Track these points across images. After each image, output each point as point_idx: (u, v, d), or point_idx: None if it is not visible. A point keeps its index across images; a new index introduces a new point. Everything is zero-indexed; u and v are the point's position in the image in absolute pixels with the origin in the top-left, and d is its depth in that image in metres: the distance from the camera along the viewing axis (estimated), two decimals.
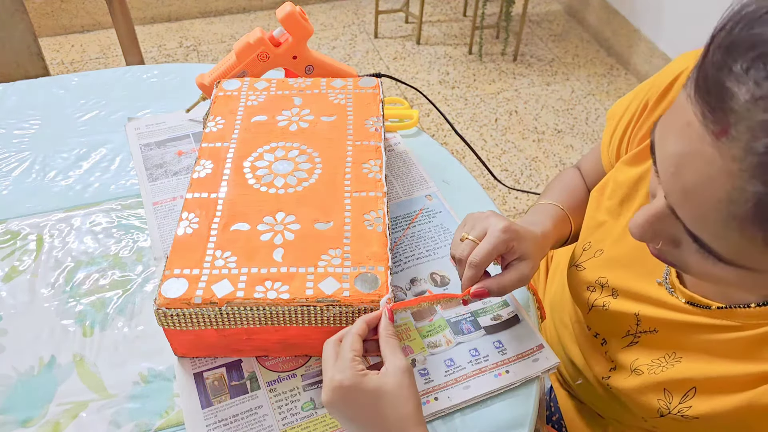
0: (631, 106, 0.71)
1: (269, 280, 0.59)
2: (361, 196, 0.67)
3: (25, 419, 0.59)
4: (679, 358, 0.61)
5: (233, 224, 0.64)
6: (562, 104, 2.27)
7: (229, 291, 0.58)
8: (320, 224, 0.64)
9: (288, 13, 0.83)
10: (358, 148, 0.73)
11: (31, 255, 0.73)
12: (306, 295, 0.57)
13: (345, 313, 0.58)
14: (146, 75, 1.03)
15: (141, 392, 0.61)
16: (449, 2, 2.82)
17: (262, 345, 0.62)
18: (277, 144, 0.73)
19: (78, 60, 2.41)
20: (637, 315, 0.65)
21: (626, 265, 0.67)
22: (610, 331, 0.69)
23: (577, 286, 0.73)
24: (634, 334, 0.66)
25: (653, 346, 0.64)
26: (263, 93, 0.81)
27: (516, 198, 1.92)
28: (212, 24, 2.64)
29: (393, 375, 0.52)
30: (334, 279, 0.59)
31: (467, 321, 0.67)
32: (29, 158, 0.86)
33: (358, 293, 0.58)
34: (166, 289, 0.58)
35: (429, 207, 0.80)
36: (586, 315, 0.72)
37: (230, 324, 0.59)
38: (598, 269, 0.70)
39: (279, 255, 0.61)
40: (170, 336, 0.61)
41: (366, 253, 0.61)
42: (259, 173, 0.70)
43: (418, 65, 2.43)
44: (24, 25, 1.39)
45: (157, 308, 0.57)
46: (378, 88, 0.82)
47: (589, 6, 2.63)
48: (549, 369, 0.63)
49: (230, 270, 0.60)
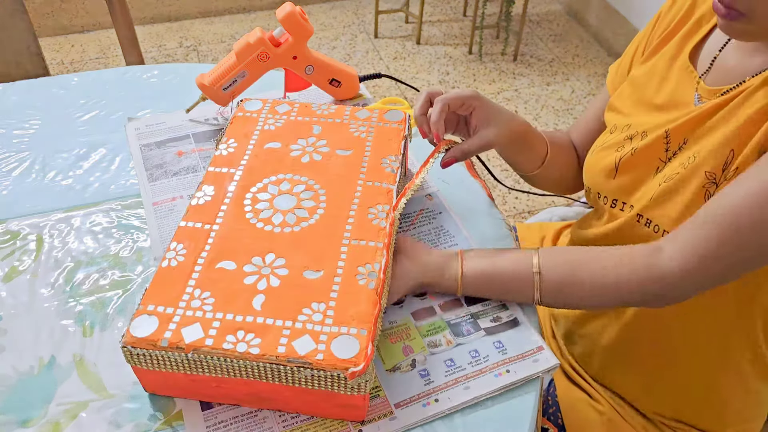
0: (632, 48, 0.81)
1: (242, 330, 0.55)
2: (360, 245, 0.63)
3: (25, 419, 0.59)
4: (703, 148, 0.65)
5: (220, 261, 0.61)
6: (562, 104, 2.27)
7: (198, 337, 0.55)
8: (309, 272, 0.60)
9: (288, 13, 0.83)
10: (369, 189, 0.69)
11: (31, 255, 0.73)
12: (277, 353, 0.54)
13: (317, 377, 0.54)
14: (146, 75, 1.03)
15: (141, 392, 0.61)
16: (449, 2, 2.82)
17: (233, 394, 0.59)
18: (284, 176, 0.70)
19: (78, 60, 2.41)
20: (667, 131, 0.69)
21: (661, 108, 0.72)
22: (639, 176, 0.72)
23: (603, 156, 0.76)
24: (665, 161, 0.70)
25: (681, 156, 0.68)
26: (283, 117, 0.78)
27: (516, 198, 1.92)
28: (212, 24, 2.64)
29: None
30: (310, 338, 0.55)
31: (467, 323, 0.67)
32: (29, 158, 0.86)
33: (332, 358, 0.53)
34: (135, 327, 0.56)
35: (429, 207, 0.80)
36: (613, 180, 0.75)
37: (198, 371, 0.56)
38: (625, 132, 0.75)
39: (259, 302, 0.58)
40: (138, 374, 0.58)
41: (351, 311, 0.57)
42: (259, 206, 0.67)
43: (418, 65, 2.43)
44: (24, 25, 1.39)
45: (123, 345, 0.55)
46: (404, 123, 0.77)
47: (589, 6, 2.63)
48: (549, 369, 0.63)
49: (205, 313, 0.57)
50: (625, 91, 0.79)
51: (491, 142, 0.75)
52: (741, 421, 0.79)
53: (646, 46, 0.79)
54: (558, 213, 1.19)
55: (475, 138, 0.75)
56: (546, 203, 1.92)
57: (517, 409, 0.61)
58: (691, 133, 0.68)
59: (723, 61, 0.69)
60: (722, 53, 0.69)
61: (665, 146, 0.70)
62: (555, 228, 1.02)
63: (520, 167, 0.85)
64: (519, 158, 0.82)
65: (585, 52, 2.54)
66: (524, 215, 1.88)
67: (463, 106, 0.74)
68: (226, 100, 0.89)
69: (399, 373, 0.62)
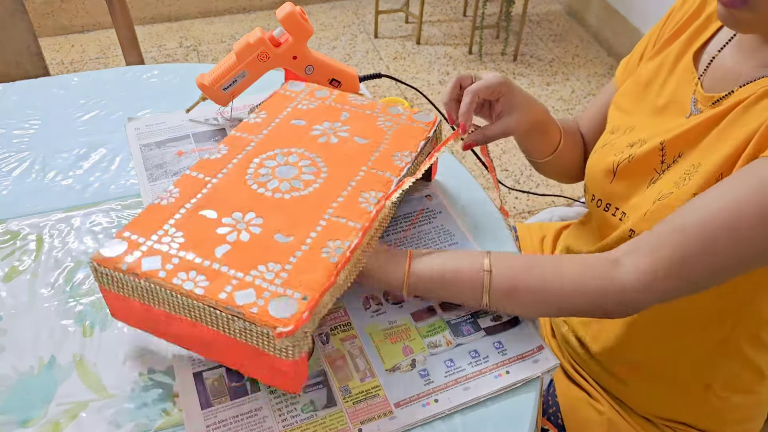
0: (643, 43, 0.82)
1: (195, 271, 0.57)
2: (338, 222, 0.63)
3: (25, 419, 0.59)
4: (698, 167, 0.65)
5: (203, 209, 0.64)
6: (562, 104, 2.27)
7: (154, 268, 0.57)
8: (280, 236, 0.61)
9: (288, 13, 0.83)
10: (371, 176, 0.68)
11: (31, 255, 0.73)
12: (218, 298, 0.55)
13: (248, 330, 0.54)
14: (146, 75, 1.03)
15: (141, 392, 0.61)
16: (449, 2, 2.82)
17: (181, 334, 0.60)
18: (296, 150, 0.72)
19: (78, 60, 2.41)
20: (663, 143, 0.70)
21: (662, 110, 0.72)
22: (634, 183, 0.73)
23: (603, 158, 0.77)
24: (659, 172, 0.70)
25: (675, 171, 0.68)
26: (318, 101, 0.79)
27: (516, 198, 1.92)
28: (212, 24, 2.64)
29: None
30: (254, 292, 0.55)
31: (467, 323, 0.67)
32: (29, 158, 0.86)
33: (265, 314, 0.53)
34: (105, 247, 0.59)
35: (429, 207, 0.80)
36: (610, 184, 0.75)
37: (150, 301, 0.58)
38: (627, 136, 0.76)
39: (222, 251, 0.59)
40: (104, 295, 0.62)
41: (303, 277, 0.57)
42: (261, 170, 0.69)
43: (418, 65, 2.43)
44: (24, 25, 1.39)
45: (90, 261, 0.59)
46: (431, 125, 0.75)
47: (589, 6, 2.63)
48: (549, 370, 0.63)
49: (170, 249, 0.59)
50: (629, 87, 0.80)
51: (513, 129, 0.77)
52: (740, 421, 0.79)
53: (656, 40, 0.79)
54: (558, 213, 1.19)
55: (498, 124, 0.77)
56: (546, 203, 1.92)
57: (517, 409, 0.61)
58: (685, 147, 0.68)
59: (721, 61, 0.69)
60: (721, 54, 0.70)
61: (661, 158, 0.71)
62: (555, 228, 1.02)
63: (532, 154, 0.86)
64: (534, 145, 0.84)
65: (585, 52, 2.54)
66: (524, 215, 1.88)
67: (492, 93, 0.75)
68: (226, 100, 0.89)
69: (399, 373, 0.62)
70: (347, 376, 0.62)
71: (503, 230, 0.78)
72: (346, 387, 0.61)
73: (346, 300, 0.69)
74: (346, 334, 0.66)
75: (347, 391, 0.61)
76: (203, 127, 0.91)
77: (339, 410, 0.59)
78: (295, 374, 0.56)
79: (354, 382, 0.61)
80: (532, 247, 1.01)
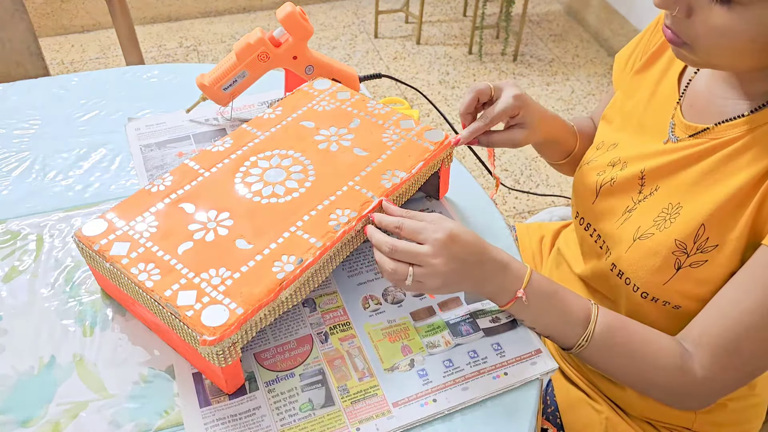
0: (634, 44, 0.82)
1: (153, 263, 0.60)
2: (300, 238, 0.62)
3: (25, 419, 0.59)
4: (678, 208, 0.66)
5: (184, 202, 0.66)
6: (562, 104, 2.27)
7: (120, 253, 0.61)
8: (242, 242, 0.62)
9: (288, 13, 0.84)
10: (352, 193, 0.67)
11: (31, 255, 0.74)
12: (162, 294, 0.57)
13: (185, 330, 0.56)
14: (146, 75, 1.03)
15: (141, 392, 0.61)
16: (449, 2, 2.82)
17: (146, 318, 0.64)
18: (294, 153, 0.72)
19: (78, 60, 2.41)
20: (643, 171, 0.71)
21: (644, 129, 0.74)
22: (613, 208, 0.74)
23: (587, 176, 0.78)
24: (636, 202, 0.71)
25: (653, 205, 0.69)
26: (336, 103, 0.80)
27: (516, 198, 1.92)
28: (212, 24, 2.64)
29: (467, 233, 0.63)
30: (196, 295, 0.57)
31: (466, 323, 0.67)
32: (29, 158, 0.87)
33: (196, 319, 0.55)
34: (87, 226, 0.64)
35: (429, 207, 0.80)
36: (592, 204, 0.77)
37: (116, 282, 0.62)
38: (611, 153, 0.77)
39: (183, 248, 0.61)
40: (90, 268, 0.66)
41: (246, 290, 0.57)
42: (252, 170, 0.70)
43: (418, 65, 2.43)
44: (24, 25, 1.40)
45: (72, 235, 0.63)
46: (438, 146, 0.73)
47: (589, 6, 2.64)
48: (547, 373, 0.63)
49: (141, 237, 0.62)
50: (618, 99, 0.81)
51: (518, 143, 0.78)
52: (739, 422, 0.79)
53: (644, 51, 0.79)
54: (558, 213, 1.19)
55: (505, 134, 0.78)
56: (546, 203, 1.92)
57: (516, 409, 0.61)
58: (662, 181, 0.69)
59: (697, 87, 0.69)
60: (697, 76, 0.70)
61: (639, 187, 0.71)
62: (554, 228, 1.02)
63: (546, 157, 0.91)
64: (546, 152, 0.90)
65: (585, 52, 2.54)
66: (524, 215, 1.88)
67: (509, 115, 0.76)
68: (227, 100, 0.89)
69: (397, 373, 0.62)
70: (345, 376, 0.62)
71: (503, 230, 0.78)
72: (345, 386, 0.61)
73: (345, 299, 0.69)
74: (345, 333, 0.66)
75: (345, 390, 0.61)
76: (203, 127, 0.91)
77: (337, 409, 0.59)
78: (227, 377, 0.58)
79: (352, 381, 0.61)
80: (530, 246, 1.01)
